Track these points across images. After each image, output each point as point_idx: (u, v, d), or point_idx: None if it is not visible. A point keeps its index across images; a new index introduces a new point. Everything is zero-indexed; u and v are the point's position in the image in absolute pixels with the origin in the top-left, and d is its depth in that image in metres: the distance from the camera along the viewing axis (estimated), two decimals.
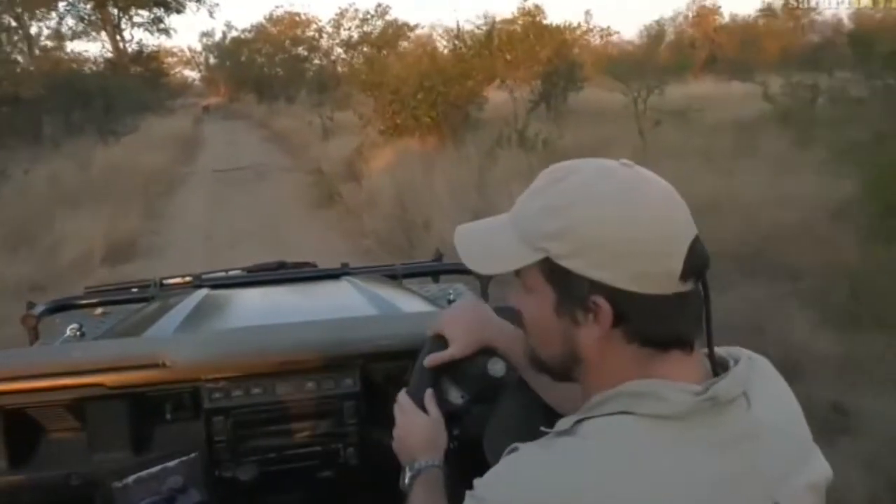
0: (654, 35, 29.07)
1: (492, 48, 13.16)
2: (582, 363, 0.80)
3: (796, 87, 9.83)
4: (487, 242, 0.83)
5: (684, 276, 0.74)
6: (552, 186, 0.78)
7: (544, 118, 13.68)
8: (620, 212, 0.73)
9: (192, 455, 1.29)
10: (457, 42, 13.60)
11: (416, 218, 6.96)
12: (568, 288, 0.76)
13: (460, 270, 2.43)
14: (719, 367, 0.78)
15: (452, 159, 9.13)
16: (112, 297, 2.16)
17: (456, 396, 1.16)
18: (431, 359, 1.08)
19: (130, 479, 1.25)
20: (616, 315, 0.74)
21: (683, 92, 12.84)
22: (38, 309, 2.03)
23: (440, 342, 1.09)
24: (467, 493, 0.78)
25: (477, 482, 0.78)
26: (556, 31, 15.94)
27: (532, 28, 15.37)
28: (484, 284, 2.28)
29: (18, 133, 15.79)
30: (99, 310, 2.10)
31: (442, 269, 2.46)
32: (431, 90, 10.98)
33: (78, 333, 1.79)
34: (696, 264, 0.75)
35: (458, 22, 21.70)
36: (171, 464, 1.27)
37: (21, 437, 1.31)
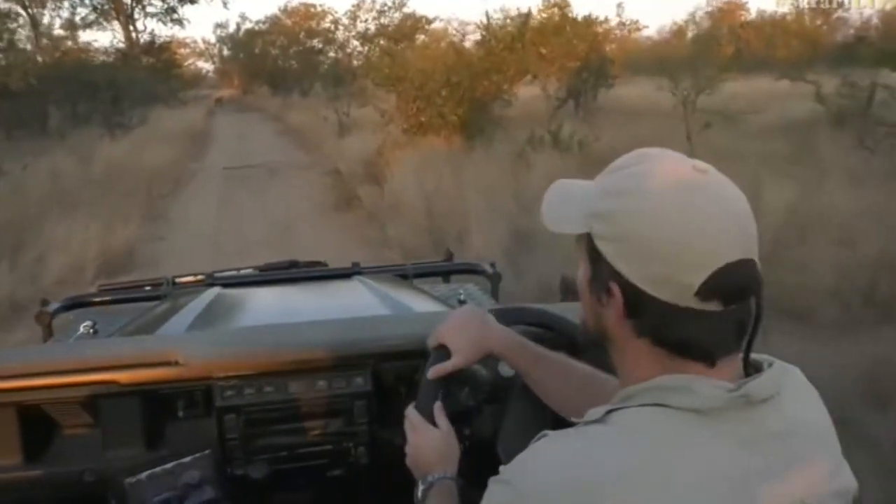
0: (704, 32, 28.85)
1: (524, 41, 13.01)
2: (611, 344, 0.87)
3: (852, 87, 9.63)
4: (562, 201, 0.91)
5: (703, 295, 0.76)
6: (618, 170, 0.85)
7: (573, 116, 13.49)
8: (659, 211, 0.77)
9: (207, 451, 1.38)
10: (485, 34, 13.47)
11: (447, 227, 6.74)
12: (597, 267, 0.84)
13: (471, 270, 2.51)
14: (752, 370, 0.82)
15: (482, 161, 8.96)
16: (125, 296, 2.28)
17: (467, 397, 1.24)
18: (436, 370, 1.14)
19: (143, 475, 1.34)
20: (627, 308, 0.81)
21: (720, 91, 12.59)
22: (53, 306, 2.16)
23: (443, 352, 1.15)
24: (492, 478, 0.84)
25: (503, 468, 0.84)
26: (590, 24, 15.82)
27: (568, 21, 15.24)
28: (495, 285, 2.35)
29: (24, 125, 16.12)
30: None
31: (453, 269, 2.55)
32: (458, 86, 10.87)
33: (91, 331, 1.89)
34: (724, 286, 0.76)
35: (487, 13, 21.56)
36: (186, 460, 1.36)
37: (35, 433, 1.41)
